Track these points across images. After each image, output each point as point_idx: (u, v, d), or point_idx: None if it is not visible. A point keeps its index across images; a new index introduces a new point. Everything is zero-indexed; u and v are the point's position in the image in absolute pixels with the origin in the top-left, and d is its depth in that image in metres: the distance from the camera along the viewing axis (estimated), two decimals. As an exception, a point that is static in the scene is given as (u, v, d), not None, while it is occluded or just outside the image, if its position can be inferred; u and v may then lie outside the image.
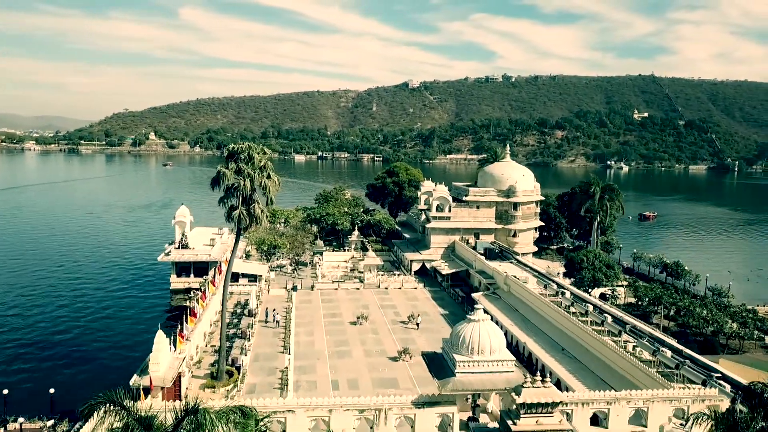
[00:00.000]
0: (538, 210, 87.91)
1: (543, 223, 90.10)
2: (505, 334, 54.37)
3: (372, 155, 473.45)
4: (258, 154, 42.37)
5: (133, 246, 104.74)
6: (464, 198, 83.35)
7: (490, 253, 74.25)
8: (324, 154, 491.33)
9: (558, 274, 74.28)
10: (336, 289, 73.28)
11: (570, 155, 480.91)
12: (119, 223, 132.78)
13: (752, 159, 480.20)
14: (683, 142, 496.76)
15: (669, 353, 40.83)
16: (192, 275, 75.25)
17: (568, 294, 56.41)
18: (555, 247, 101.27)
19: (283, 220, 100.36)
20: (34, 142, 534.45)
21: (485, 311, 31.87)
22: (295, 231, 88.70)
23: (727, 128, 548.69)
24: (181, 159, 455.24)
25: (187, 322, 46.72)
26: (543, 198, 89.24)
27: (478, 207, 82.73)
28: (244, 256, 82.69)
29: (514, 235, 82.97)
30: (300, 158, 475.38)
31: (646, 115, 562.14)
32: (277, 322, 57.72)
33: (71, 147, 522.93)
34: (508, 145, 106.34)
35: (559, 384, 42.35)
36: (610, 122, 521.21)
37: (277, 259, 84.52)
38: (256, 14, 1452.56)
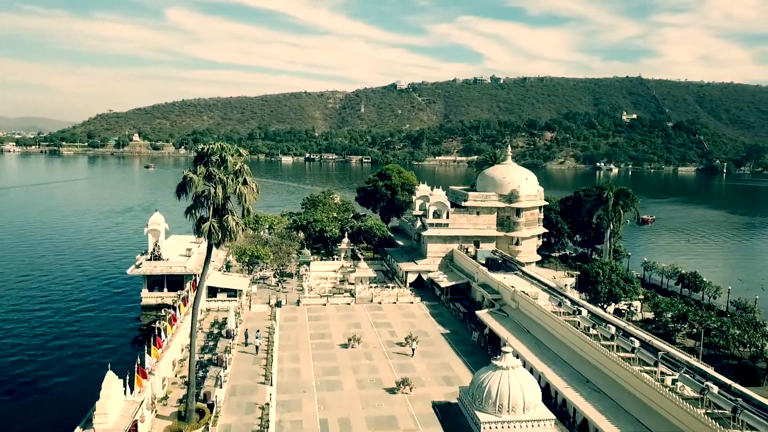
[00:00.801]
0: (542, 216, 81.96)
1: (547, 230, 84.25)
2: (516, 358, 48.34)
3: (360, 157, 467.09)
4: (232, 156, 35.81)
5: (107, 255, 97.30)
6: (463, 203, 77.16)
7: (492, 264, 68.07)
8: (311, 156, 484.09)
9: (566, 286, 68.34)
10: (324, 304, 66.72)
11: (559, 157, 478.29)
12: (94, 229, 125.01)
13: (740, 160, 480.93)
14: (672, 144, 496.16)
15: (715, 389, 34.80)
16: (165, 289, 68.45)
17: (584, 312, 50.32)
18: (557, 254, 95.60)
19: (267, 227, 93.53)
20: (14, 144, 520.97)
21: (517, 355, 25.48)
22: (280, 239, 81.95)
23: (714, 130, 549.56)
24: (166, 161, 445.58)
25: (150, 354, 39.91)
26: (546, 203, 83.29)
27: (478, 213, 76.57)
28: (224, 267, 75.89)
29: (517, 243, 76.95)
30: (287, 160, 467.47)
31: (634, 116, 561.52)
32: (257, 347, 50.96)
33: (52, 148, 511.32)
34: (509, 146, 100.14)
35: (586, 425, 36.26)
36: (599, 124, 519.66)
37: (260, 270, 77.81)
38: (244, 16, 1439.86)
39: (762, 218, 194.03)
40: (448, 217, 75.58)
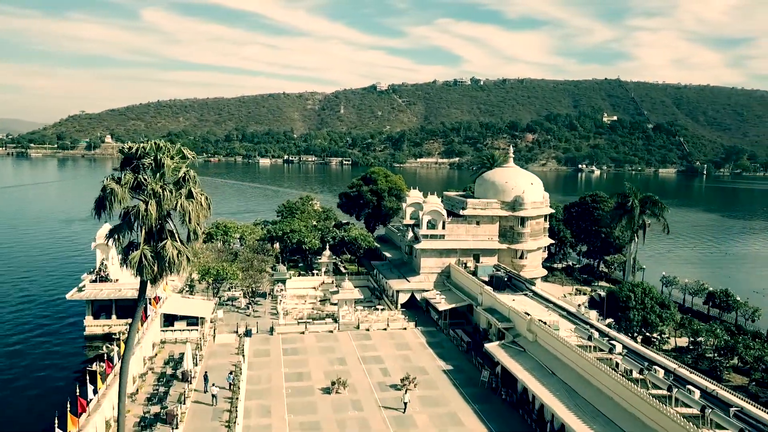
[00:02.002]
0: (547, 225, 73.12)
1: (553, 241, 75.51)
2: (541, 408, 39.20)
3: (340, 159, 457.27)
4: (172, 158, 26.00)
5: (55, 272, 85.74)
6: (461, 212, 67.91)
7: (497, 282, 58.97)
8: (290, 158, 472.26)
9: (580, 306, 59.63)
10: (302, 332, 56.83)
11: (541, 159, 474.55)
12: (46, 240, 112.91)
13: (719, 162, 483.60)
14: (652, 146, 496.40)
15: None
16: (114, 316, 57.97)
17: (618, 347, 41.43)
18: (559, 265, 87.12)
19: (238, 237, 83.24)
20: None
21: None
22: (252, 253, 71.79)
23: (693, 132, 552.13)
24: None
25: (62, 429, 29.73)
26: (552, 211, 74.56)
27: (478, 223, 67.41)
28: (187, 287, 65.67)
29: (521, 257, 67.98)
30: (265, 162, 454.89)
31: (615, 118, 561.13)
32: (214, 396, 40.90)
33: (20, 151, 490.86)
34: (511, 146, 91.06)
35: None
36: (580, 125, 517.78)
37: (229, 289, 67.63)
38: (221, 17, 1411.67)
39: (760, 222, 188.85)
40: (444, 227, 66.27)
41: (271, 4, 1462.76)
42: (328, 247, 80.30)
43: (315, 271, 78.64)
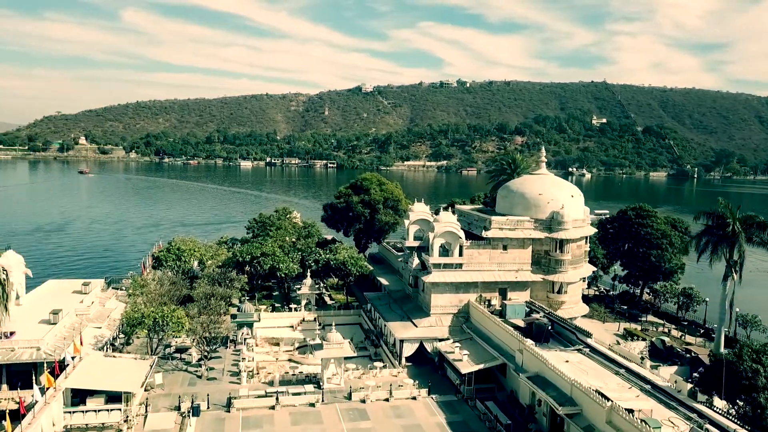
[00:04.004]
0: (588, 248, 57.67)
1: (595, 269, 60.04)
2: None
3: (325, 161, 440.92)
4: None
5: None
6: (484, 233, 52.08)
7: (538, 332, 43.57)
8: (273, 161, 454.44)
9: (644, 360, 44.54)
10: (272, 407, 40.58)
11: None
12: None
13: (710, 166, 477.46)
14: (642, 149, 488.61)
15: None
16: (4, 385, 41.28)
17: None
18: (590, 292, 72.04)
19: (196, 262, 66.59)
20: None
21: None
22: (210, 285, 55.39)
23: (681, 135, 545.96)
24: (115, 166, 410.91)
25: None
26: (595, 230, 59.20)
27: (505, 247, 51.77)
28: (120, 335, 49.19)
29: (560, 291, 52.56)
30: (246, 165, 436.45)
31: (604, 120, 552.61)
32: None
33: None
34: (543, 147, 75.43)
35: None
36: (569, 128, 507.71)
37: (176, 338, 51.00)
38: (202, 18, 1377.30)
39: None
40: (461, 253, 50.57)
41: (253, 5, 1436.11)
42: (309, 274, 64.24)
43: (293, 305, 62.62)
